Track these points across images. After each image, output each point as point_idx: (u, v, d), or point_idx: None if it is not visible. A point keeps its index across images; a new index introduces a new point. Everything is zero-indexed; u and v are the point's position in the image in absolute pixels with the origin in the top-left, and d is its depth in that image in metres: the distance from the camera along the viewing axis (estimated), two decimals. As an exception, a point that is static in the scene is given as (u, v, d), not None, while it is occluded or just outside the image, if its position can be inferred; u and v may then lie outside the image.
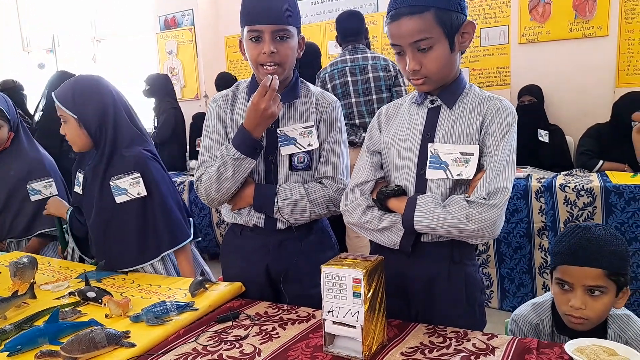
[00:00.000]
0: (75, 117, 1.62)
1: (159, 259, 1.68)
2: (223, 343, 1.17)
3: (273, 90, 1.33)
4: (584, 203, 2.78)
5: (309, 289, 1.46)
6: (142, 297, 1.44)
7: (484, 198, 1.14)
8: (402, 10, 1.14)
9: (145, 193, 1.63)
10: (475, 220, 1.13)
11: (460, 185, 1.22)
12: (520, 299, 3.04)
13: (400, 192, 1.24)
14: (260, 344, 1.16)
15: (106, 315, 1.30)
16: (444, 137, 1.22)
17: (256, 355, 1.11)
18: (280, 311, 1.35)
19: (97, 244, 1.72)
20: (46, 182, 2.11)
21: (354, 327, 1.05)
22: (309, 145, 1.46)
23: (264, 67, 1.39)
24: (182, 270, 1.72)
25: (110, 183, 1.63)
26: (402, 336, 1.16)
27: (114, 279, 1.62)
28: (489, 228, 1.13)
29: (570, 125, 3.70)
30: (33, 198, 2.11)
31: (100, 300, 1.36)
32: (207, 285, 1.46)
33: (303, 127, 1.45)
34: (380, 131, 1.34)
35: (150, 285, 1.54)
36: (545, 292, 2.97)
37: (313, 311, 1.33)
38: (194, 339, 1.20)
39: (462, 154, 1.19)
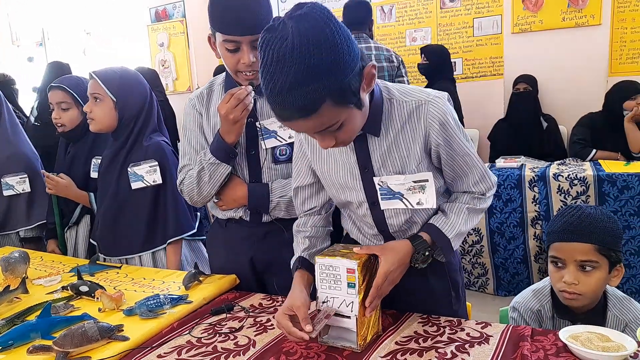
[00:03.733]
0: (114, 100, 1.69)
1: (164, 248, 1.72)
2: (217, 335, 1.17)
3: (243, 103, 1.30)
4: (577, 192, 2.79)
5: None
6: (135, 290, 1.43)
7: (483, 194, 1.17)
8: (292, 114, 0.91)
9: (161, 181, 1.69)
10: (484, 207, 1.19)
11: (420, 212, 1.16)
12: (516, 285, 3.06)
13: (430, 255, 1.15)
14: (255, 335, 1.16)
15: (99, 309, 1.30)
16: (384, 167, 1.12)
17: (251, 347, 1.10)
18: (275, 303, 1.35)
19: (105, 228, 1.76)
20: (20, 178, 2.10)
21: (348, 317, 1.05)
22: (289, 137, 1.43)
23: (243, 74, 1.36)
24: (169, 262, 1.73)
25: (128, 169, 1.70)
26: (397, 326, 1.16)
27: (107, 272, 1.61)
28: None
29: (564, 115, 3.70)
30: (6, 193, 2.11)
31: (93, 294, 1.35)
32: (201, 278, 1.45)
33: None
34: (309, 151, 1.21)
35: (144, 279, 1.53)
36: (541, 277, 3.00)
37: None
38: (188, 331, 1.20)
39: (415, 182, 1.12)
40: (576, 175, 2.78)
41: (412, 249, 1.11)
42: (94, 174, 1.93)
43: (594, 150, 3.17)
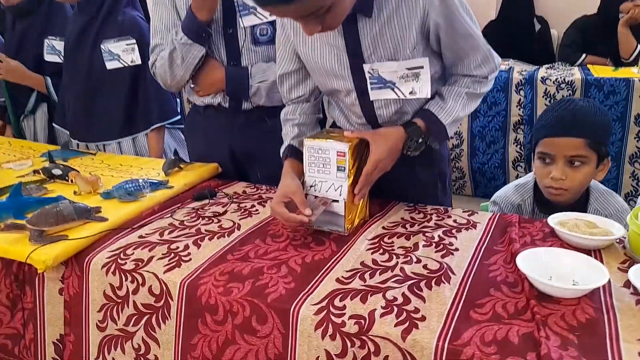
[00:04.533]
0: None
1: (146, 134, 1.64)
2: (200, 219, 1.14)
3: None
4: (563, 96, 2.76)
5: (277, 170, 1.41)
6: (112, 176, 1.37)
7: (485, 77, 1.09)
8: None
9: (140, 62, 1.56)
10: (484, 92, 1.11)
11: (412, 101, 1.09)
12: (493, 189, 3.10)
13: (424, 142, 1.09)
14: (240, 219, 1.13)
15: (75, 192, 1.24)
16: (375, 53, 1.02)
17: (235, 229, 1.08)
18: (259, 191, 1.32)
19: (78, 111, 1.65)
20: None
21: (337, 201, 1.02)
22: (271, 14, 1.32)
23: None
24: (151, 150, 1.65)
25: (102, 46, 1.54)
26: (383, 213, 1.15)
27: (81, 159, 1.53)
28: None
29: (557, 17, 3.56)
30: None
31: (67, 178, 1.29)
32: (181, 165, 1.39)
33: None
34: (292, 34, 1.09)
35: (121, 165, 1.46)
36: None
37: (292, 190, 1.30)
38: (169, 215, 1.16)
39: (409, 69, 1.02)
40: (564, 79, 2.73)
41: (405, 136, 1.06)
42: (49, 57, 1.76)
43: (584, 55, 3.10)
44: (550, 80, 2.75)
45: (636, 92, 2.64)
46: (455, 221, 1.09)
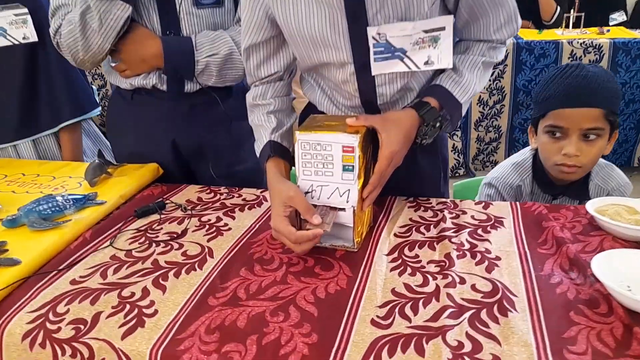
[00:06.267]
0: None
1: (53, 133, 1.28)
2: (154, 245, 0.85)
3: None
4: (497, 61, 2.71)
5: (232, 167, 1.17)
6: (14, 191, 1.02)
7: (502, 42, 0.90)
8: None
9: (36, 38, 1.19)
10: (499, 60, 0.93)
11: (419, 75, 0.89)
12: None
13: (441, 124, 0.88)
14: (208, 241, 0.86)
15: (-39, 223, 0.89)
16: (382, 12, 0.80)
17: (207, 257, 0.81)
18: (218, 195, 1.05)
19: None
20: None
21: (342, 209, 0.79)
22: None
23: None
24: (64, 154, 1.29)
25: None
26: (385, 214, 0.94)
27: (-38, 169, 1.15)
28: None
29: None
30: None
31: (-54, 202, 0.93)
32: (109, 170, 1.07)
33: None
34: None
35: (24, 175, 1.11)
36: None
37: (261, 192, 1.05)
38: (108, 242, 0.86)
39: (426, 31, 0.80)
40: (497, 43, 2.68)
41: (419, 121, 0.84)
42: None
43: (509, 18, 3.08)
44: (484, 44, 2.68)
45: (565, 54, 2.66)
46: (473, 217, 0.92)
